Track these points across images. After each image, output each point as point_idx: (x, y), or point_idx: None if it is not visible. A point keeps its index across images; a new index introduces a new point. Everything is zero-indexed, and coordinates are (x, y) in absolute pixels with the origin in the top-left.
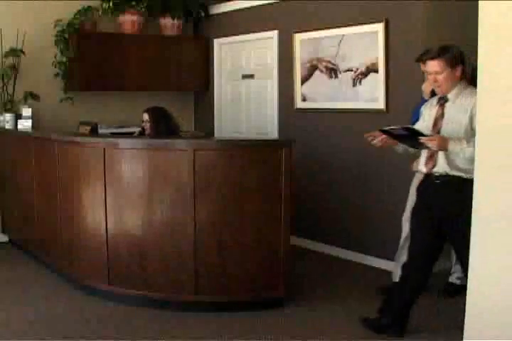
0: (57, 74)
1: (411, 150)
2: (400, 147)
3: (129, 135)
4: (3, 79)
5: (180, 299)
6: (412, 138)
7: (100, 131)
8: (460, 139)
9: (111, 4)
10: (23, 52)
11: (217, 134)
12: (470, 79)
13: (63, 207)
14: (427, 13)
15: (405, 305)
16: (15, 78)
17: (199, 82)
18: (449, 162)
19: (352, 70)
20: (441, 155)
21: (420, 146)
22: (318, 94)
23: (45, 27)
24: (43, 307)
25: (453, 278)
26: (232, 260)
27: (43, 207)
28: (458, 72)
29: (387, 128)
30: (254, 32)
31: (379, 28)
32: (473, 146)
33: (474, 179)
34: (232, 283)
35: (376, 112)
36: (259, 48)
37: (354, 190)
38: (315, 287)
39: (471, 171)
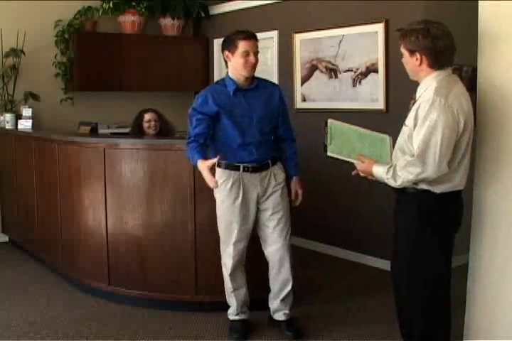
0: (57, 74)
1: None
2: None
3: (130, 135)
4: (3, 79)
5: (180, 299)
6: None
7: (100, 131)
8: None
9: (111, 4)
10: (23, 52)
11: None
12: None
13: (63, 207)
14: (427, 13)
15: None
16: (15, 78)
17: (199, 82)
18: None
19: (352, 70)
20: None
21: None
22: (318, 95)
23: (45, 27)
24: (43, 307)
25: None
26: None
27: (43, 207)
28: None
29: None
30: (254, 32)
31: (379, 28)
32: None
33: (474, 180)
34: None
35: (376, 112)
36: (260, 48)
37: (355, 189)
38: (315, 287)
39: None
